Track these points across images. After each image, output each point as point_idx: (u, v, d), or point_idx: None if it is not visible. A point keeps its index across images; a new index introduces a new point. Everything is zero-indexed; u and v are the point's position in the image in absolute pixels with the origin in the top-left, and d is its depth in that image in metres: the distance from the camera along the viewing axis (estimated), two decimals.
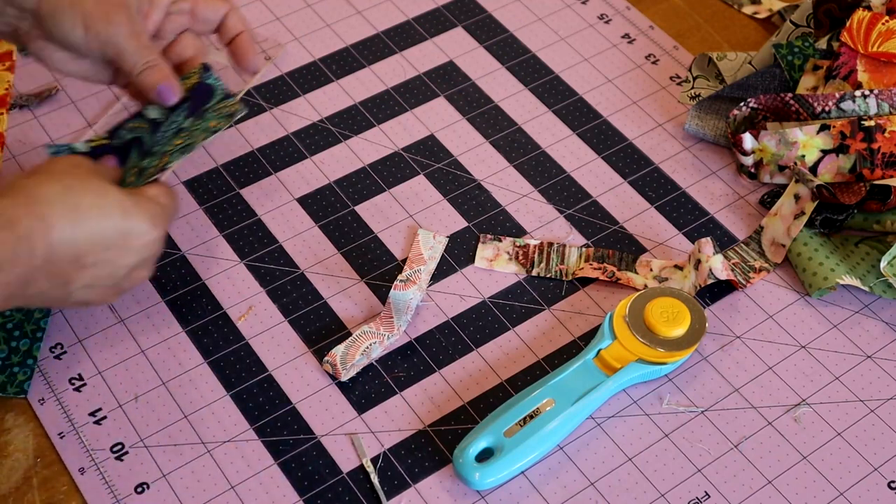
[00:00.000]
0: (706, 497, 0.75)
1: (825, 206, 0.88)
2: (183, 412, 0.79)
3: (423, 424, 0.79)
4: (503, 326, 0.84)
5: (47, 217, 0.67)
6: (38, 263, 0.67)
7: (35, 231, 0.66)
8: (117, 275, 0.73)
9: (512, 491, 0.75)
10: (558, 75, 1.02)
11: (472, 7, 1.08)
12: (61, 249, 0.68)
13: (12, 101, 0.98)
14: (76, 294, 0.72)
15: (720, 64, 1.00)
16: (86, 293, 0.73)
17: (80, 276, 0.71)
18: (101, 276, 0.72)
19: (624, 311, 0.81)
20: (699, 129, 0.96)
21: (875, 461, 0.77)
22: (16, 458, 0.77)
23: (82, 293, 0.73)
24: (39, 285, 0.69)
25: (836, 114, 0.90)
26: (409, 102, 0.99)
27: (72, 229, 0.68)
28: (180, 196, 0.91)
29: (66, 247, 0.68)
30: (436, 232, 0.90)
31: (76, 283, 0.71)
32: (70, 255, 0.69)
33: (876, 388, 0.81)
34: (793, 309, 0.85)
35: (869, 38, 0.93)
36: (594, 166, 0.95)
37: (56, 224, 0.67)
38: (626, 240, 0.90)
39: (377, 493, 0.75)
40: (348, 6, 1.08)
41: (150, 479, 0.76)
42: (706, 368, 0.82)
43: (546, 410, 0.76)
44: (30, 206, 0.67)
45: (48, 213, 0.67)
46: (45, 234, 0.67)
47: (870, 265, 0.86)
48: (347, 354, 0.81)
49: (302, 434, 0.78)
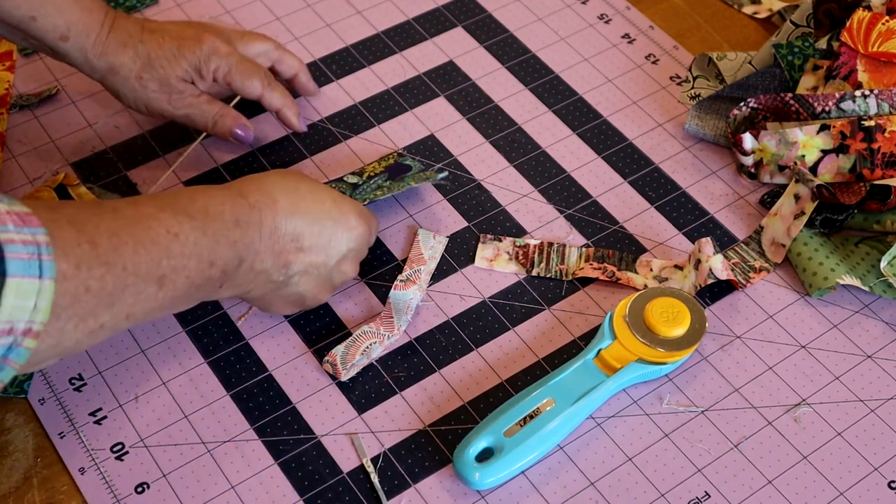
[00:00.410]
0: (706, 497, 0.75)
1: (825, 206, 0.88)
2: (183, 412, 0.79)
3: (423, 424, 0.79)
4: (503, 326, 0.84)
5: (273, 193, 0.74)
6: (265, 233, 0.73)
7: (264, 204, 0.74)
8: (328, 264, 0.78)
9: (512, 491, 0.75)
10: (558, 75, 1.02)
11: (472, 7, 1.08)
12: (284, 226, 0.74)
13: (12, 101, 0.98)
14: (294, 282, 0.77)
15: (720, 64, 1.00)
16: (302, 282, 0.77)
17: (298, 258, 0.76)
18: (316, 263, 0.77)
19: (624, 311, 0.81)
20: (699, 129, 0.96)
21: (875, 461, 0.77)
22: (16, 458, 0.77)
23: (299, 281, 0.77)
24: (264, 260, 0.74)
25: (836, 114, 0.90)
26: (409, 102, 0.99)
27: (292, 208, 0.75)
28: None
29: (288, 225, 0.75)
30: (436, 232, 0.90)
31: (294, 266, 0.76)
32: (291, 234, 0.75)
33: (876, 388, 0.81)
34: (793, 309, 0.85)
35: (869, 38, 0.93)
36: (594, 166, 0.95)
37: (280, 200, 0.74)
38: (626, 240, 0.90)
39: (377, 493, 0.75)
40: (348, 6, 1.08)
41: (150, 479, 0.76)
42: (706, 368, 0.82)
43: (546, 410, 0.76)
44: (258, 185, 0.75)
45: (272, 191, 0.75)
46: (272, 207, 0.74)
47: (870, 265, 0.86)
48: (347, 354, 0.81)
49: (302, 434, 0.78)
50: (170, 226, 0.66)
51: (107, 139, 0.96)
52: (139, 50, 0.87)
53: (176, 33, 0.88)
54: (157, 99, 0.88)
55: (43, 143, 0.96)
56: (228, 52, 0.89)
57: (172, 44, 0.87)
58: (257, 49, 0.94)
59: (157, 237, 0.65)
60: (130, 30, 0.87)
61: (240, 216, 0.71)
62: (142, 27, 0.88)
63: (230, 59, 0.89)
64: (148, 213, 0.66)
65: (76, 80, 1.00)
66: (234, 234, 0.71)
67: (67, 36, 0.85)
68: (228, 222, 0.70)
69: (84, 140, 0.96)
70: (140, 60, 0.87)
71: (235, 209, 0.71)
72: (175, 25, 0.90)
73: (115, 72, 0.87)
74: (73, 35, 0.85)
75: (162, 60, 0.87)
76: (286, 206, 0.74)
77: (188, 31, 0.89)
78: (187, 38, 0.88)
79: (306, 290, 0.78)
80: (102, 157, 0.95)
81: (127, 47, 0.86)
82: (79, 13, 0.85)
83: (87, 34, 0.85)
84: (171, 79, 0.88)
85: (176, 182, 0.93)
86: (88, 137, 0.96)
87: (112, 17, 0.87)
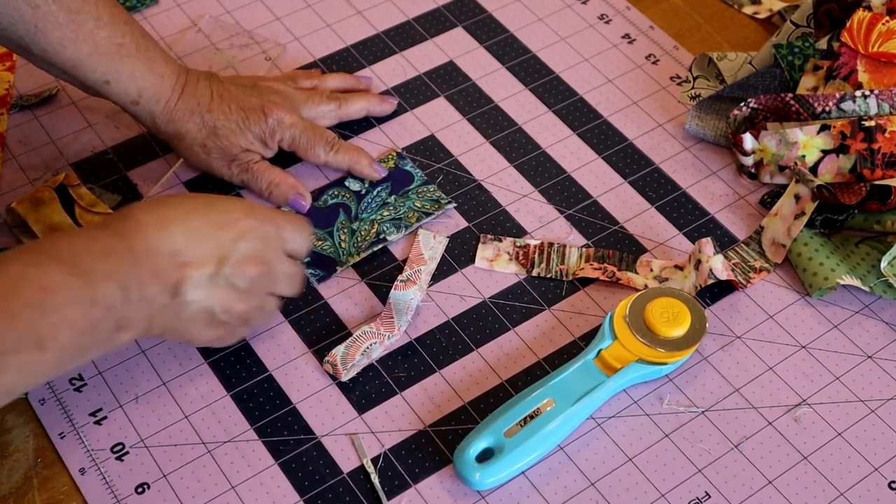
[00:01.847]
0: (706, 497, 0.75)
1: (825, 207, 0.88)
2: (183, 412, 0.79)
3: (423, 424, 0.79)
4: (503, 326, 0.84)
5: (136, 216, 0.71)
6: (141, 257, 0.69)
7: (128, 228, 0.70)
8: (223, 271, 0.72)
9: (512, 491, 0.75)
10: (558, 75, 1.02)
11: (472, 7, 1.08)
12: (157, 244, 0.70)
13: (12, 102, 0.98)
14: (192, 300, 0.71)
15: (720, 64, 1.00)
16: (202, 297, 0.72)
17: (184, 273, 0.71)
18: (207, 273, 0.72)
19: (624, 312, 0.81)
20: (699, 129, 0.96)
21: (875, 461, 0.77)
22: (16, 458, 0.77)
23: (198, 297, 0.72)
24: (149, 285, 0.69)
25: (837, 114, 0.90)
26: (409, 102, 0.99)
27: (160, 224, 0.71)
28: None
29: (161, 242, 0.70)
30: (436, 232, 0.90)
31: (185, 284, 0.71)
32: (167, 250, 0.70)
33: (876, 389, 0.81)
34: (793, 309, 0.85)
35: (869, 39, 0.93)
36: (594, 166, 0.95)
37: (145, 220, 0.71)
38: (626, 240, 0.90)
39: (377, 493, 0.75)
40: (348, 6, 1.08)
41: (151, 479, 0.76)
42: (706, 368, 0.82)
43: (546, 411, 0.76)
44: (123, 212, 0.72)
45: (136, 213, 0.71)
46: (138, 229, 0.70)
47: (870, 265, 0.86)
48: (348, 354, 0.81)
49: (302, 434, 0.78)
50: (39, 280, 0.63)
51: (107, 139, 0.96)
52: (206, 119, 0.88)
53: (243, 102, 0.89)
54: (218, 166, 0.90)
55: (43, 143, 0.96)
56: (292, 122, 0.90)
57: (239, 115, 0.88)
58: (321, 111, 0.94)
59: (30, 299, 0.62)
60: (199, 97, 0.88)
61: (109, 246, 0.68)
62: (211, 94, 0.89)
63: (294, 129, 0.90)
64: (14, 274, 0.63)
65: None
66: (106, 266, 0.67)
67: (138, 101, 0.87)
68: (97, 256, 0.67)
69: (84, 140, 0.96)
70: (206, 130, 0.88)
71: (101, 242, 0.68)
72: (241, 92, 0.90)
73: (181, 138, 0.89)
74: (144, 101, 0.87)
75: (227, 132, 0.88)
76: (153, 224, 0.71)
77: (254, 101, 0.89)
78: (253, 110, 0.89)
79: (213, 304, 0.73)
80: (102, 158, 0.95)
81: (194, 115, 0.88)
82: (151, 79, 0.86)
83: (157, 100, 0.87)
84: (234, 149, 0.89)
85: (176, 182, 0.93)
86: (88, 137, 0.96)
87: (182, 83, 0.88)
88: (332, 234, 0.89)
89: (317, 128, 0.92)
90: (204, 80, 0.89)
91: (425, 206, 0.91)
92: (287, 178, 0.90)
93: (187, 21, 1.05)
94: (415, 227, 0.89)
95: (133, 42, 0.85)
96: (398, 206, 0.90)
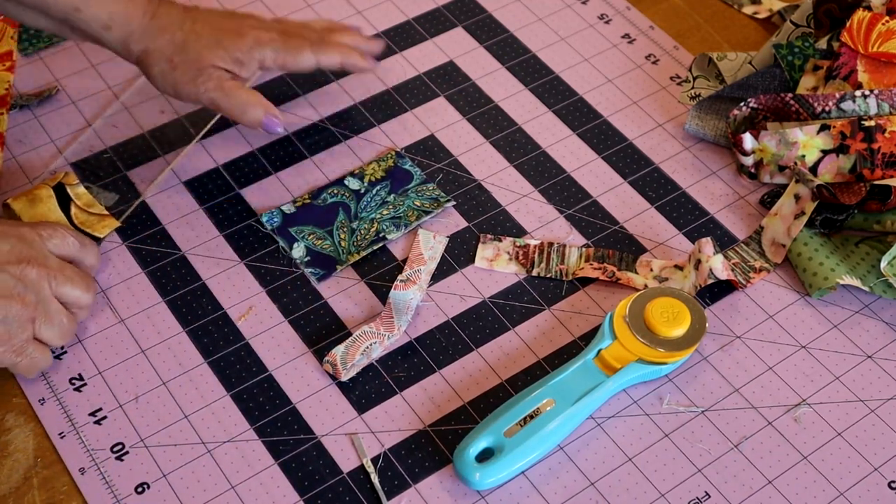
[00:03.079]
0: (706, 497, 0.75)
1: (825, 206, 0.88)
2: (183, 412, 0.79)
3: (423, 424, 0.79)
4: (503, 326, 0.84)
5: None
6: None
7: None
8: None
9: (512, 491, 0.75)
10: (558, 75, 1.02)
11: (472, 7, 1.08)
12: None
13: (12, 101, 0.98)
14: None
15: (720, 64, 1.00)
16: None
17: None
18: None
19: (624, 311, 0.81)
20: (699, 129, 0.96)
21: (875, 461, 0.77)
22: (16, 458, 0.77)
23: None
24: None
25: (837, 114, 0.90)
26: (409, 102, 0.99)
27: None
28: (181, 196, 0.92)
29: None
30: (436, 232, 0.90)
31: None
32: None
33: (876, 388, 0.81)
34: (793, 309, 0.85)
35: (869, 39, 0.93)
36: (594, 166, 0.95)
37: None
38: (626, 240, 0.90)
39: (377, 493, 0.75)
40: (348, 6, 1.08)
41: (150, 479, 0.76)
42: (706, 368, 0.82)
43: (546, 410, 0.76)
44: None
45: None
46: None
47: (870, 265, 0.86)
48: (347, 354, 0.81)
49: (302, 434, 0.78)
50: None
51: (107, 139, 0.96)
52: (176, 36, 0.87)
53: (217, 23, 0.87)
54: (184, 82, 0.86)
55: (43, 143, 0.96)
56: (270, 38, 0.88)
57: (211, 34, 0.87)
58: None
59: None
60: (172, 17, 0.87)
61: None
62: (184, 16, 0.87)
63: (273, 44, 0.88)
64: None
65: (76, 80, 1.00)
66: None
67: (110, 25, 0.85)
68: None
69: (84, 140, 0.96)
70: (175, 46, 0.86)
71: None
72: (217, 16, 0.89)
73: (149, 54, 0.87)
74: (116, 24, 0.86)
75: (198, 47, 0.86)
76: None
77: (229, 23, 0.88)
78: (227, 31, 0.87)
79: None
80: (102, 157, 0.95)
81: (165, 32, 0.86)
82: (122, 2, 0.85)
83: (128, 22, 0.86)
84: (203, 62, 0.86)
85: (176, 182, 0.93)
86: (88, 137, 0.96)
87: (155, 5, 0.87)
88: (331, 234, 0.89)
89: (297, 34, 0.89)
90: (178, 4, 0.89)
91: (425, 204, 0.91)
92: (261, 99, 0.88)
93: None
94: (414, 225, 0.89)
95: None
96: (397, 204, 0.90)
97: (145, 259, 0.88)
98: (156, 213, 0.91)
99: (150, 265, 0.87)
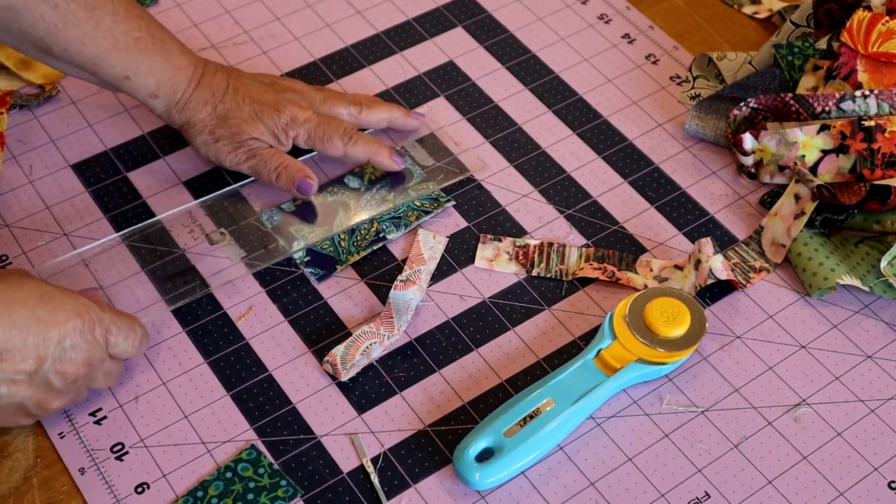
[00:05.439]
0: (706, 497, 0.75)
1: (825, 206, 0.88)
2: (183, 412, 0.79)
3: (423, 424, 0.79)
4: (503, 326, 0.84)
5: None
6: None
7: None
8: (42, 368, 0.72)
9: (512, 491, 0.75)
10: (558, 75, 1.02)
11: (472, 7, 1.08)
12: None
13: (12, 101, 0.98)
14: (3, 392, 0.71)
15: (720, 64, 1.00)
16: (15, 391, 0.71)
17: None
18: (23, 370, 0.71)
19: (624, 311, 0.81)
20: (699, 129, 0.96)
21: (875, 461, 0.77)
22: (16, 458, 0.77)
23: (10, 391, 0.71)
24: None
25: (836, 114, 0.90)
26: (409, 102, 0.99)
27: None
28: (179, 196, 0.92)
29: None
30: (436, 232, 0.90)
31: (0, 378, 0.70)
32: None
33: (876, 388, 0.81)
34: (793, 309, 0.85)
35: (869, 39, 0.93)
36: (594, 166, 0.95)
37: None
38: (626, 240, 0.90)
39: (377, 493, 0.75)
40: (348, 6, 1.08)
41: (150, 479, 0.76)
42: (706, 368, 0.82)
43: (546, 410, 0.76)
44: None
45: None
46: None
47: (870, 265, 0.86)
48: (347, 354, 0.81)
49: (302, 434, 0.78)
50: None
51: (107, 139, 0.96)
52: (218, 108, 0.88)
53: (257, 96, 0.89)
54: (225, 153, 0.89)
55: (43, 143, 0.96)
56: (306, 118, 0.90)
57: (251, 108, 0.89)
58: (338, 113, 0.93)
59: None
60: (214, 88, 0.89)
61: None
62: (226, 86, 0.89)
63: (308, 124, 0.90)
64: None
65: (76, 80, 1.00)
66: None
67: (157, 94, 0.88)
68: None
69: (84, 140, 0.96)
70: (216, 118, 0.89)
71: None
72: (258, 87, 0.90)
73: (192, 126, 0.89)
74: (162, 94, 0.88)
75: (238, 120, 0.88)
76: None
77: (268, 97, 0.89)
78: (266, 105, 0.89)
79: (24, 399, 0.72)
80: (102, 158, 0.95)
81: (207, 105, 0.88)
82: (169, 72, 0.87)
83: (174, 92, 0.88)
84: (242, 135, 0.89)
85: (176, 182, 0.93)
86: (88, 138, 0.96)
87: (200, 74, 0.89)
88: (334, 237, 0.89)
89: (332, 119, 0.91)
90: (222, 72, 0.90)
91: (424, 204, 0.91)
92: (295, 162, 0.89)
93: (188, 21, 1.06)
94: (414, 225, 0.89)
95: (150, 35, 0.86)
96: (396, 200, 0.90)
97: (145, 258, 0.88)
98: (156, 212, 0.91)
99: (149, 264, 0.87)
